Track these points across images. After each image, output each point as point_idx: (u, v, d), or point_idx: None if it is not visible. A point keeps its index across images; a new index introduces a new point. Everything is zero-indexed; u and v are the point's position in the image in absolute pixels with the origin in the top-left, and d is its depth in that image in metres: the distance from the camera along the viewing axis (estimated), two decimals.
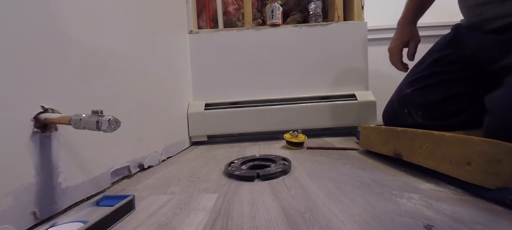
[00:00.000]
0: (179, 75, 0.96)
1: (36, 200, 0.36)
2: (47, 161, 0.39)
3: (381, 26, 1.36)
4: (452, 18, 0.79)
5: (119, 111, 0.56)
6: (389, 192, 0.42)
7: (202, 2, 1.16)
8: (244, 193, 0.46)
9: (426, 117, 0.65)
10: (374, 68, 1.25)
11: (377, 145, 0.64)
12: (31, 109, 0.37)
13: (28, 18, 0.37)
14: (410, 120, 0.68)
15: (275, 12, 1.09)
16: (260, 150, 0.85)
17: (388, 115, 0.76)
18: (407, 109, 0.69)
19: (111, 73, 0.55)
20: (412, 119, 0.67)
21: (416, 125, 0.65)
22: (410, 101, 0.68)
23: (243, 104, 1.04)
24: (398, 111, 0.71)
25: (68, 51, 0.44)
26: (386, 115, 0.78)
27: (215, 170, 0.62)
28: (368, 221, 0.33)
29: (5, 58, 0.34)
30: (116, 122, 0.36)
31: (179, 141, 0.91)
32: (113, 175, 0.54)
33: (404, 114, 0.69)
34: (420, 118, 0.66)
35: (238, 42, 1.07)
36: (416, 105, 0.67)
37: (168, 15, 0.89)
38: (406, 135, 0.54)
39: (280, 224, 0.34)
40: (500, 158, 0.36)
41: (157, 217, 0.38)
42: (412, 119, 0.67)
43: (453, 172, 0.42)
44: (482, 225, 0.31)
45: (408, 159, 0.52)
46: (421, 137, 0.50)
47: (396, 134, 0.57)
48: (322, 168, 0.59)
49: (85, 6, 0.49)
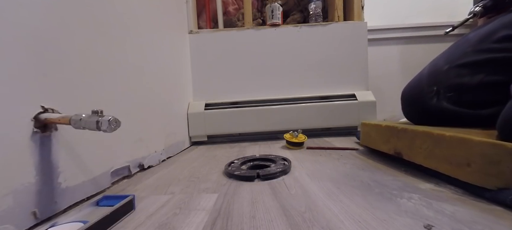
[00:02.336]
0: (179, 75, 0.96)
1: (36, 200, 0.36)
2: (47, 161, 0.39)
3: (381, 26, 1.36)
4: (452, 18, 0.79)
5: (119, 111, 0.56)
6: (389, 192, 0.42)
7: (202, 2, 1.16)
8: (244, 193, 0.46)
9: (454, 101, 0.57)
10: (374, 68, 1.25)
11: (378, 142, 0.64)
12: (31, 110, 0.37)
13: (28, 18, 0.37)
14: (435, 101, 0.58)
15: (275, 12, 1.09)
16: (260, 150, 0.85)
17: (412, 90, 0.66)
18: (437, 87, 0.59)
19: (111, 73, 0.55)
20: (437, 100, 0.58)
21: (439, 109, 0.58)
22: (443, 79, 0.58)
23: (243, 104, 1.04)
24: (426, 89, 0.61)
25: (68, 51, 0.44)
26: (408, 90, 0.67)
27: (215, 170, 0.62)
28: (368, 221, 0.33)
29: (5, 58, 0.34)
30: (116, 122, 0.36)
31: (179, 141, 0.91)
32: (113, 175, 0.54)
33: (431, 92, 0.60)
34: (447, 101, 0.57)
35: (238, 42, 1.07)
36: (448, 85, 0.57)
37: (168, 15, 0.89)
38: (407, 134, 0.54)
39: (280, 224, 0.34)
40: (500, 159, 0.36)
41: (157, 217, 0.38)
42: (438, 99, 0.58)
43: (453, 172, 0.42)
44: (482, 225, 0.31)
45: (408, 158, 0.52)
46: (421, 136, 0.50)
47: (396, 132, 0.57)
48: (322, 168, 0.59)
49: (86, 5, 0.49)
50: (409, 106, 0.66)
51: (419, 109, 0.62)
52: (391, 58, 1.37)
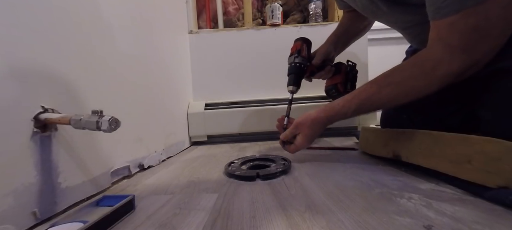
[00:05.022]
0: (179, 75, 0.96)
1: (36, 200, 0.36)
2: (47, 161, 0.39)
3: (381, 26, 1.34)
4: None
5: (119, 111, 0.56)
6: (389, 192, 0.42)
7: (202, 2, 1.16)
8: (244, 193, 0.46)
9: (427, 120, 0.59)
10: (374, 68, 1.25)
11: (376, 147, 0.63)
12: (31, 109, 0.37)
13: (28, 18, 0.37)
14: (412, 126, 0.58)
15: (275, 12, 1.09)
16: (260, 150, 0.85)
17: (386, 122, 0.70)
18: (406, 114, 0.63)
19: (111, 73, 0.55)
20: (414, 126, 0.58)
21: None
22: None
23: (243, 104, 1.03)
24: (395, 117, 0.65)
25: (68, 51, 0.44)
26: (383, 122, 0.72)
27: (215, 170, 0.62)
28: (368, 221, 0.33)
29: (5, 58, 0.34)
30: (116, 122, 0.36)
31: (179, 141, 0.91)
32: (113, 175, 0.54)
33: (404, 119, 0.63)
34: (422, 122, 0.59)
35: (238, 42, 1.07)
36: (413, 108, 0.57)
37: (168, 15, 0.89)
38: (405, 135, 0.54)
39: (280, 224, 0.34)
40: (501, 156, 0.36)
41: (157, 217, 0.38)
42: (415, 124, 0.60)
43: (453, 171, 0.42)
44: (482, 225, 0.31)
45: (407, 160, 0.52)
46: (420, 136, 0.50)
47: (395, 134, 0.57)
48: (322, 168, 0.59)
49: (85, 5, 0.49)
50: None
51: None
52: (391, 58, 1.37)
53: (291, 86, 0.71)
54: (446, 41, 0.42)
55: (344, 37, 0.81)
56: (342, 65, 0.80)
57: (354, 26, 0.80)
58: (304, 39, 0.74)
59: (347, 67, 0.80)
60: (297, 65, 0.71)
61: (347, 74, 0.79)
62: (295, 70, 0.71)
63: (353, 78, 0.80)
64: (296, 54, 0.71)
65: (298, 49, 0.72)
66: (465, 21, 0.39)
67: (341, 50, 0.82)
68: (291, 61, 0.72)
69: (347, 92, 0.77)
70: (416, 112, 0.61)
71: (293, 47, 0.74)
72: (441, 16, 0.41)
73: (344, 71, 0.79)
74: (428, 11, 0.43)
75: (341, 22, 0.83)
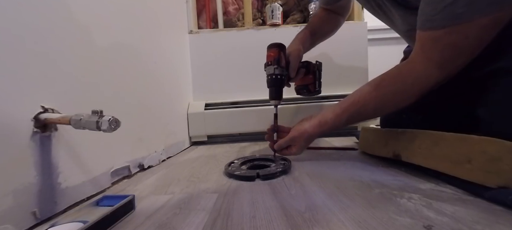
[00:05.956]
0: (179, 75, 0.96)
1: (36, 200, 0.36)
2: (47, 161, 0.39)
3: (381, 26, 1.34)
4: None
5: (119, 111, 0.56)
6: (389, 192, 0.42)
7: (202, 2, 1.16)
8: (244, 193, 0.46)
9: (427, 119, 0.58)
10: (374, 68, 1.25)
11: (376, 147, 0.63)
12: (31, 109, 0.37)
13: (28, 18, 0.37)
14: (412, 126, 0.59)
15: (275, 12, 1.09)
16: (260, 150, 0.85)
17: (386, 122, 0.69)
18: (405, 114, 0.62)
19: (111, 73, 0.55)
20: (414, 125, 0.58)
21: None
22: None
23: (243, 104, 1.03)
24: (395, 117, 0.64)
25: (68, 51, 0.44)
26: (383, 122, 0.71)
27: (215, 170, 0.62)
28: (368, 221, 0.33)
29: (5, 58, 0.34)
30: (116, 122, 0.36)
31: (179, 141, 0.90)
32: (113, 175, 0.54)
33: (404, 119, 0.62)
34: (421, 122, 0.59)
35: (238, 42, 1.07)
36: (413, 108, 0.56)
37: (168, 15, 0.89)
38: (406, 135, 0.54)
39: (280, 224, 0.34)
40: (501, 156, 0.36)
41: (157, 217, 0.38)
42: (415, 124, 0.59)
43: (453, 170, 0.42)
44: (482, 225, 0.31)
45: (407, 160, 0.52)
46: (420, 136, 0.50)
47: (395, 134, 0.57)
48: (322, 168, 0.59)
49: (85, 5, 0.49)
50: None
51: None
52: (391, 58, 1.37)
53: (275, 101, 0.70)
54: (428, 54, 0.45)
55: (315, 37, 0.81)
56: (311, 64, 0.80)
57: (326, 26, 0.82)
58: (280, 46, 0.70)
59: (315, 66, 0.80)
60: (278, 77, 0.68)
61: (315, 74, 0.80)
62: (276, 83, 0.68)
63: (319, 76, 0.81)
64: (276, 65, 0.68)
65: (276, 58, 0.68)
66: (447, 37, 0.41)
67: (308, 49, 0.82)
68: (270, 72, 0.68)
69: (317, 92, 0.80)
70: (416, 112, 0.62)
71: (269, 55, 0.70)
72: (427, 28, 0.43)
73: (313, 71, 0.80)
74: (418, 20, 0.45)
75: (313, 21, 0.83)
